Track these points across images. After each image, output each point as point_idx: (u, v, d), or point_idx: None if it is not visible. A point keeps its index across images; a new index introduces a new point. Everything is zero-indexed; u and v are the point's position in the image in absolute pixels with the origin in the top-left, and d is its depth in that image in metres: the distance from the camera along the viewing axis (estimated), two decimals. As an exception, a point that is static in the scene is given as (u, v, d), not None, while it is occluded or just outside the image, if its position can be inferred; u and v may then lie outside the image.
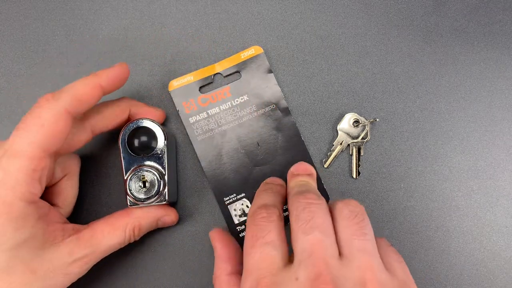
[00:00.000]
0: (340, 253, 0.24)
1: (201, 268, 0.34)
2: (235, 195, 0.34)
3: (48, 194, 0.31)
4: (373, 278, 0.22)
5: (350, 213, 0.25)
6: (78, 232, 0.28)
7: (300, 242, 0.24)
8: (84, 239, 0.28)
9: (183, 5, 0.36)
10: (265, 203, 0.27)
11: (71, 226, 0.29)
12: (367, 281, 0.22)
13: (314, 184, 0.30)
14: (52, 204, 0.31)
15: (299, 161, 0.34)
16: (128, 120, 0.32)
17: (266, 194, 0.29)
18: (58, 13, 0.36)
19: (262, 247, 0.24)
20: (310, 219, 0.24)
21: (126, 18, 0.36)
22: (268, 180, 0.32)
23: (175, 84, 0.35)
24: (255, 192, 0.31)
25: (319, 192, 0.28)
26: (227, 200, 0.34)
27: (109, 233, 0.29)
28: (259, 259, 0.24)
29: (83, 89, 0.27)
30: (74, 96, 0.27)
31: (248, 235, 0.25)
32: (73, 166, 0.32)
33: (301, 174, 0.31)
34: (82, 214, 0.34)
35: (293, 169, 0.31)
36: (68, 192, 0.32)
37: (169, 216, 0.32)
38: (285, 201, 0.30)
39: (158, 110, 0.34)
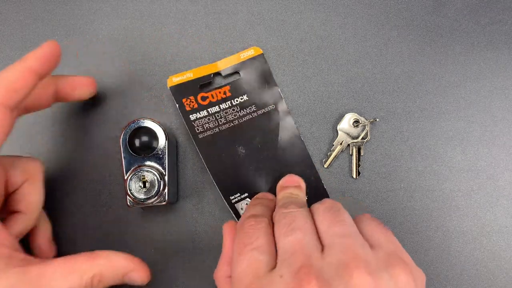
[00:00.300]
0: (322, 246, 0.24)
1: (201, 268, 0.34)
2: (239, 194, 0.34)
3: (9, 201, 0.29)
4: (355, 258, 0.22)
5: (325, 208, 0.26)
6: (26, 265, 0.24)
7: (282, 244, 0.24)
8: (30, 275, 0.24)
9: (183, 5, 0.36)
10: (253, 213, 0.27)
11: (21, 256, 0.25)
12: (350, 262, 0.22)
13: (301, 194, 0.30)
14: (15, 211, 0.29)
15: (299, 161, 0.34)
16: (58, 97, 0.31)
17: (256, 207, 0.29)
18: (58, 13, 0.36)
19: (250, 253, 0.24)
20: (291, 223, 0.25)
21: (126, 18, 0.36)
22: (259, 195, 0.32)
23: (174, 80, 0.34)
24: (256, 193, 0.31)
25: (304, 202, 0.29)
26: (233, 199, 0.34)
27: (62, 276, 0.24)
28: (247, 266, 0.24)
29: (14, 77, 0.25)
30: (7, 87, 0.25)
31: (236, 243, 0.26)
32: (34, 170, 0.30)
33: (290, 186, 0.31)
34: (81, 214, 0.34)
35: (282, 182, 0.31)
36: (31, 197, 0.29)
37: (137, 272, 0.27)
38: None
39: (87, 77, 0.32)
